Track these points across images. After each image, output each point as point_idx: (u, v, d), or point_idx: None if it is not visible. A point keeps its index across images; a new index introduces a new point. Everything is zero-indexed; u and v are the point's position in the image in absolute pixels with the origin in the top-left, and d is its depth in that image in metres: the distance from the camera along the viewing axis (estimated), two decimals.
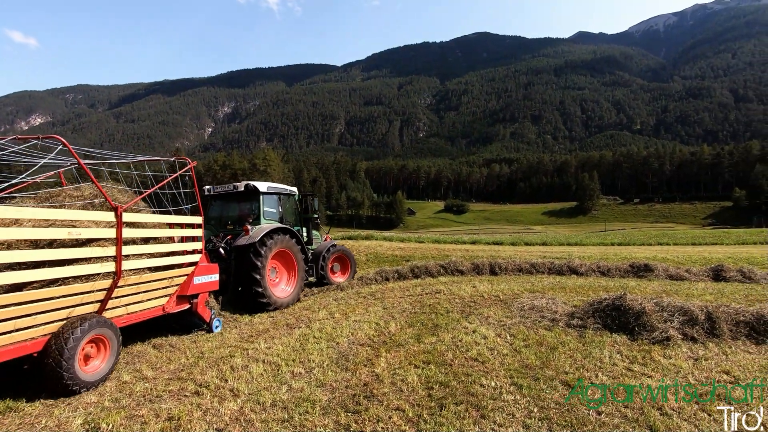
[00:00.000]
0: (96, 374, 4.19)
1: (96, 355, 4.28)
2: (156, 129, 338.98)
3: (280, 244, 7.92)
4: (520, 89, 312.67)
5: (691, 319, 5.19)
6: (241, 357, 4.93)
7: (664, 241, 25.84)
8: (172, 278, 5.41)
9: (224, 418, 3.47)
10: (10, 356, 3.57)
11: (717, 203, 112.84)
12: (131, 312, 4.92)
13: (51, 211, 4.02)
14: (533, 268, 11.34)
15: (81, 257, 4.15)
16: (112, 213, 4.41)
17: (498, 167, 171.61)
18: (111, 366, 4.37)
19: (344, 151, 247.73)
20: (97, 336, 4.21)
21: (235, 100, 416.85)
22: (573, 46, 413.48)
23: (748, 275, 9.70)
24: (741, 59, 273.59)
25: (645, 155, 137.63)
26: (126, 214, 4.55)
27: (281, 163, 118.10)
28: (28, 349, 3.71)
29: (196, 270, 5.82)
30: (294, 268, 8.38)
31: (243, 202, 8.66)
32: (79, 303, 4.15)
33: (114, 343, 4.40)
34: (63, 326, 3.96)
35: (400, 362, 4.57)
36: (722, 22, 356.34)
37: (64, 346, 3.84)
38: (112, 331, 4.40)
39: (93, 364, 4.24)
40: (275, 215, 8.73)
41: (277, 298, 7.74)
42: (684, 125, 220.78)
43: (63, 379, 3.83)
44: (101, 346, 4.32)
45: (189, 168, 6.03)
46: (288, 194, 9.38)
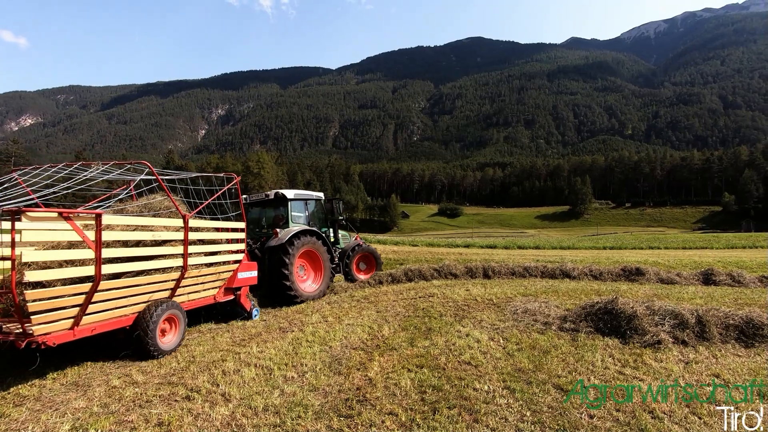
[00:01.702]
0: (169, 345, 5.38)
1: (170, 330, 5.47)
2: (149, 131, 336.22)
3: (307, 244, 8.84)
4: (514, 94, 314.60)
5: (681, 323, 5.23)
6: (233, 361, 4.88)
7: (655, 245, 26.13)
8: (222, 273, 6.53)
9: (215, 423, 3.43)
10: (113, 327, 4.83)
11: (707, 208, 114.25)
12: (192, 299, 6.07)
13: (152, 219, 5.36)
14: (526, 271, 11.39)
15: (159, 254, 5.26)
16: (181, 220, 5.52)
17: (492, 171, 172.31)
18: (180, 339, 5.54)
19: (338, 154, 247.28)
20: (170, 315, 5.41)
21: (228, 102, 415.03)
22: (566, 51, 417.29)
23: (737, 279, 9.82)
24: (729, 66, 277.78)
25: (636, 160, 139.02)
26: (190, 221, 5.65)
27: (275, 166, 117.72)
28: (123, 322, 4.96)
29: (239, 267, 6.89)
30: (320, 266, 9.31)
31: (274, 208, 9.71)
32: (157, 290, 5.33)
33: (182, 321, 5.59)
34: (147, 307, 5.14)
35: (394, 366, 4.56)
36: (711, 30, 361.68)
37: (149, 321, 5.00)
38: (180, 312, 5.58)
39: (167, 337, 5.42)
40: (303, 219, 9.78)
41: (304, 292, 8.67)
42: (674, 131, 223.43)
43: (148, 346, 5.01)
44: (173, 323, 5.51)
45: (235, 182, 7.08)
46: (314, 199, 10.34)
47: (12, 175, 5.45)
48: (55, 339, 4.13)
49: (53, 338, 4.12)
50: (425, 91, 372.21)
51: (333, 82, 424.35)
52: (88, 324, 4.54)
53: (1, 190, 5.09)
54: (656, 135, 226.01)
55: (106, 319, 4.73)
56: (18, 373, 4.69)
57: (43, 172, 5.47)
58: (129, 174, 5.71)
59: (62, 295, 4.17)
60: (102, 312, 4.64)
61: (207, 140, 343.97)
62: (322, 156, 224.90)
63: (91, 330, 4.58)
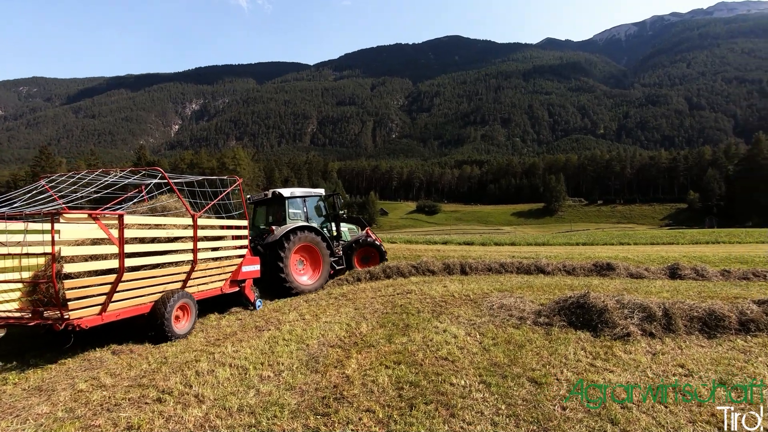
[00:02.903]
0: (183, 330, 5.95)
1: (183, 317, 6.06)
2: (119, 125, 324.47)
3: (303, 240, 9.33)
4: (491, 92, 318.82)
5: (649, 316, 5.42)
6: (206, 361, 4.77)
7: (625, 240, 26.99)
8: (227, 266, 7.09)
9: (188, 425, 3.35)
10: (134, 313, 5.45)
11: (673, 205, 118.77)
12: (201, 290, 6.66)
13: (165, 219, 5.96)
14: (502, 267, 11.56)
15: (172, 250, 5.85)
16: (190, 218, 6.09)
17: (469, 169, 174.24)
18: (191, 325, 6.14)
19: (316, 151, 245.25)
20: (183, 304, 6.00)
21: (203, 97, 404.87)
22: (541, 51, 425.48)
23: (701, 273, 10.23)
24: (695, 69, 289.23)
25: (608, 159, 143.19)
26: (199, 220, 6.20)
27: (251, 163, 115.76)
28: (142, 310, 5.58)
29: (244, 261, 7.46)
30: (319, 260, 9.78)
31: (273, 207, 10.29)
32: (171, 281, 5.94)
33: (193, 309, 6.20)
34: (163, 296, 5.75)
35: (371, 363, 4.55)
36: (678, 33, 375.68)
37: (165, 308, 5.61)
38: (192, 301, 6.19)
39: (181, 323, 6.00)
40: (300, 215, 10.20)
41: (300, 284, 9.21)
42: (643, 130, 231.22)
43: (165, 331, 5.61)
44: (186, 311, 6.10)
45: (238, 184, 7.77)
46: (313, 196, 10.78)
47: (40, 182, 6.15)
48: (87, 323, 4.78)
49: (85, 322, 4.76)
50: (404, 88, 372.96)
51: (311, 78, 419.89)
52: (114, 310, 5.18)
53: (31, 195, 5.82)
54: (626, 134, 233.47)
55: (128, 306, 5.38)
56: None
57: (68, 178, 6.25)
58: (140, 179, 6.63)
59: (93, 284, 4.82)
60: (125, 300, 5.30)
61: (180, 136, 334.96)
62: (300, 153, 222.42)
63: (116, 315, 5.21)
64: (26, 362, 5.06)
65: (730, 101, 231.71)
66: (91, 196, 6.25)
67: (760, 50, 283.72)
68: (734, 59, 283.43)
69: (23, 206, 5.44)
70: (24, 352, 5.51)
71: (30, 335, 6.22)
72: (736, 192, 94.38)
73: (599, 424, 3.19)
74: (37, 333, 6.06)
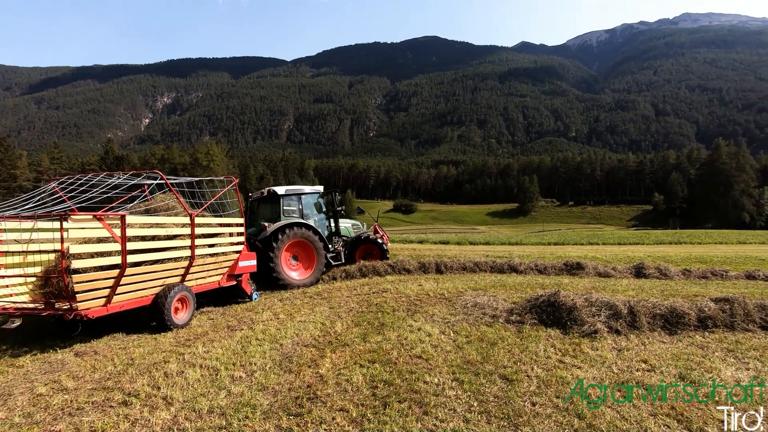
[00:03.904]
0: (182, 320, 6.34)
1: (182, 308, 6.42)
2: (85, 117, 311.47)
3: (296, 236, 9.65)
4: (468, 93, 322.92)
5: (615, 313, 5.62)
6: (176, 362, 4.64)
7: (594, 240, 27.88)
8: (224, 261, 7.49)
9: (155, 428, 3.25)
10: (136, 305, 5.86)
11: (640, 207, 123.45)
12: (200, 283, 7.05)
13: (164, 218, 6.38)
14: (477, 266, 11.74)
15: (172, 246, 6.29)
16: (188, 217, 6.50)
17: (445, 169, 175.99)
18: (190, 316, 6.51)
19: (293, 148, 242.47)
20: (182, 296, 6.38)
21: (175, 91, 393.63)
22: (516, 54, 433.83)
23: (664, 272, 10.69)
24: (661, 76, 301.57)
25: (579, 161, 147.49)
26: (196, 218, 6.59)
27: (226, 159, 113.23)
28: (144, 302, 5.99)
29: (240, 256, 7.79)
30: (313, 256, 10.05)
31: (270, 204, 10.52)
32: (170, 275, 6.33)
33: (191, 301, 6.56)
34: (163, 289, 6.14)
35: (345, 362, 4.54)
36: (646, 42, 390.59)
37: (165, 300, 6.02)
38: (190, 293, 6.56)
39: (180, 314, 6.37)
40: (295, 212, 10.46)
41: (291, 279, 9.58)
42: (613, 134, 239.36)
43: (165, 321, 6.00)
44: (184, 303, 6.47)
45: (234, 184, 8.18)
46: (309, 193, 10.94)
47: (50, 184, 6.77)
48: (93, 313, 5.22)
49: (92, 313, 5.21)
50: (382, 87, 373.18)
51: (288, 74, 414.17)
52: (118, 302, 5.59)
53: (45, 196, 6.46)
54: (597, 138, 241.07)
55: (131, 298, 5.79)
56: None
57: (75, 180, 6.85)
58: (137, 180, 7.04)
59: (98, 279, 5.24)
60: (127, 293, 5.70)
61: (151, 130, 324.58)
62: (276, 149, 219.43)
63: (119, 307, 5.63)
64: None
65: (692, 108, 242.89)
66: (98, 197, 6.59)
67: (721, 60, 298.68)
68: (697, 68, 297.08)
69: (37, 207, 6.08)
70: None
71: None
72: (697, 195, 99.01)
73: (567, 418, 3.29)
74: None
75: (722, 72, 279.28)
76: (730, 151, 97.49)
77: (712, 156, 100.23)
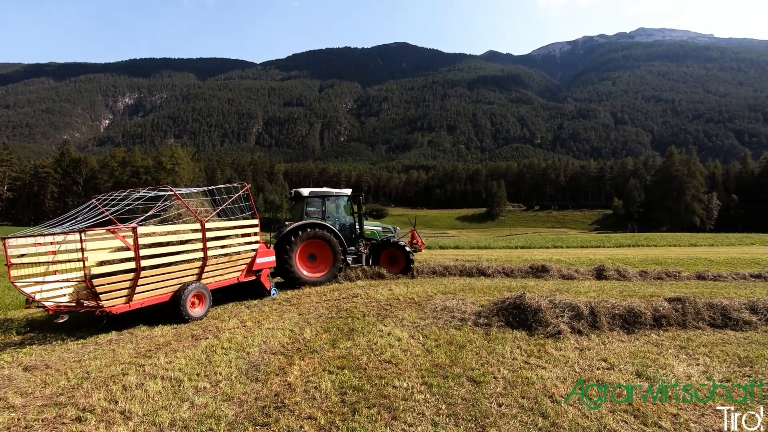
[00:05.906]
0: (198, 313, 7.10)
1: (197, 303, 7.18)
2: (38, 117, 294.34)
3: (313, 236, 10.16)
4: (437, 100, 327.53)
5: (578, 314, 5.83)
6: (135, 374, 4.44)
7: (558, 244, 28.84)
8: (240, 260, 8.10)
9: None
10: (156, 301, 6.64)
11: (600, 211, 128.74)
12: (218, 281, 7.76)
13: (175, 226, 7.13)
14: (446, 270, 11.90)
15: (185, 250, 6.96)
16: (198, 224, 7.23)
17: (416, 174, 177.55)
18: (206, 311, 7.25)
19: (262, 151, 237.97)
20: (197, 293, 7.13)
21: (138, 91, 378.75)
22: (484, 63, 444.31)
23: (623, 274, 11.19)
24: (619, 87, 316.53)
25: (544, 167, 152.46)
26: (207, 224, 7.29)
27: (191, 162, 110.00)
28: (163, 298, 6.76)
29: (257, 254, 8.40)
30: (330, 255, 10.48)
31: (298, 204, 11.21)
32: (186, 275, 7.03)
33: (207, 297, 7.30)
34: (180, 287, 6.90)
35: (314, 369, 4.48)
36: (605, 53, 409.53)
37: (182, 296, 6.80)
38: (205, 290, 7.28)
39: (196, 309, 7.13)
40: (318, 214, 11.01)
41: (307, 277, 10.17)
42: (575, 141, 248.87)
43: (182, 314, 6.79)
44: (200, 298, 7.22)
45: (246, 189, 8.79)
46: (335, 195, 11.44)
47: (92, 201, 7.70)
48: (117, 310, 6.07)
49: (116, 309, 6.05)
50: (352, 92, 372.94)
51: (257, 77, 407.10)
52: (138, 300, 6.37)
53: (86, 211, 7.44)
54: (561, 145, 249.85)
55: (150, 296, 6.55)
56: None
57: (108, 196, 7.90)
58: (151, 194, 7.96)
59: (116, 282, 6.02)
60: (146, 292, 6.46)
61: (111, 131, 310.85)
62: (244, 153, 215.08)
63: (140, 303, 6.40)
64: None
65: (648, 118, 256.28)
66: (124, 209, 7.62)
67: (673, 73, 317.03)
68: (652, 80, 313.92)
69: (80, 221, 7.15)
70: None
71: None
72: (653, 200, 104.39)
73: (531, 418, 3.37)
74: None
75: (674, 84, 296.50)
76: (682, 158, 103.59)
77: (666, 163, 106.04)
